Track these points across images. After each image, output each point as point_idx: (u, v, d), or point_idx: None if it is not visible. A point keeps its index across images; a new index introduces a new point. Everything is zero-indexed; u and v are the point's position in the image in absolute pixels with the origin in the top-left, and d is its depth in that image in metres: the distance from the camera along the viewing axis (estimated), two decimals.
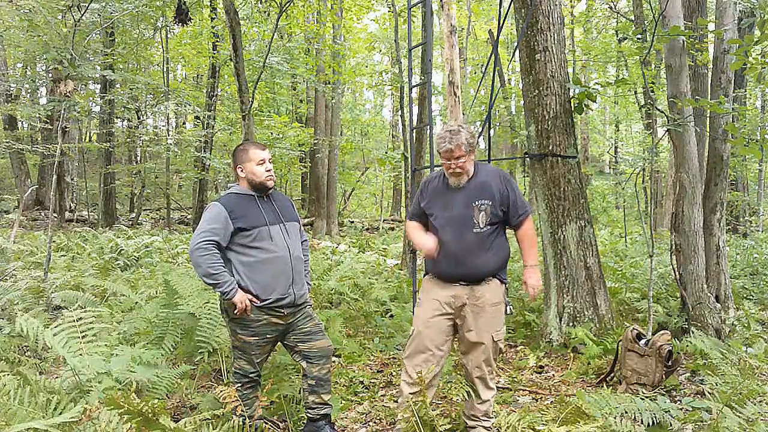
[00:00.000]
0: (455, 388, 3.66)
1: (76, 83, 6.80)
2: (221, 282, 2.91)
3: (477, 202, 3.01)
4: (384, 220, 24.05)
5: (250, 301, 2.99)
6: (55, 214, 14.77)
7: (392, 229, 22.35)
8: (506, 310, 3.03)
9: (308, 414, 3.21)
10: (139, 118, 20.47)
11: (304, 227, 3.54)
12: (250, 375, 3.15)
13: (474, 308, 3.00)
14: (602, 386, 3.92)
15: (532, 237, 3.05)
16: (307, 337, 3.20)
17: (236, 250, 3.02)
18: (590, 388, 4.01)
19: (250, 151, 3.15)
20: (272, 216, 3.12)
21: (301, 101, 22.46)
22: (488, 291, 3.00)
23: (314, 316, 3.30)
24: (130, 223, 18.46)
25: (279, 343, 3.28)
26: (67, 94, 6.38)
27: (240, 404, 3.06)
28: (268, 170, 3.16)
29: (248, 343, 3.07)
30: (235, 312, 2.97)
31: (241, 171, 3.14)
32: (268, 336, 3.10)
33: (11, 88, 18.33)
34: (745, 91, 8.94)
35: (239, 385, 3.14)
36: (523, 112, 5.36)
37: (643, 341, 3.86)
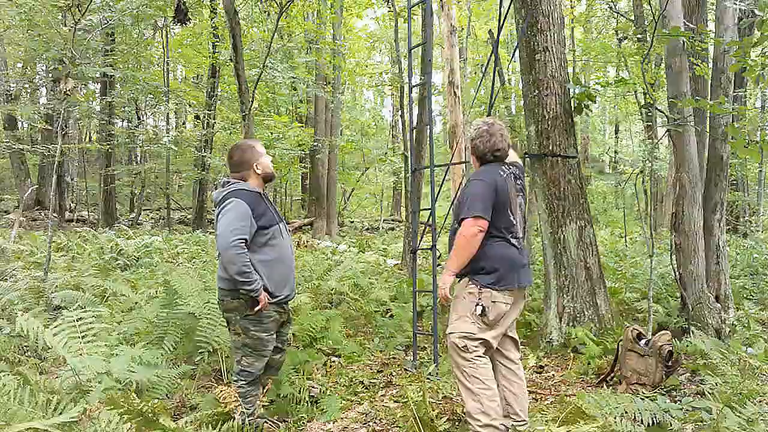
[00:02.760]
0: (454, 386, 3.66)
1: (76, 82, 6.80)
2: (253, 280, 2.94)
3: (456, 202, 3.21)
4: (384, 220, 24.05)
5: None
6: (55, 214, 14.77)
7: (392, 229, 22.35)
8: (475, 309, 2.93)
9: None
10: (139, 118, 20.46)
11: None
12: (259, 372, 3.17)
13: None
14: (602, 386, 3.92)
15: (456, 242, 2.93)
16: (281, 347, 3.38)
17: (255, 249, 3.04)
18: (590, 388, 4.01)
19: (257, 147, 3.24)
20: (277, 214, 3.22)
21: (301, 101, 22.46)
22: (458, 286, 3.06)
23: (291, 319, 3.50)
24: (130, 223, 18.45)
25: None
26: (67, 92, 6.37)
27: (240, 404, 3.06)
28: (271, 161, 3.29)
29: (261, 340, 3.11)
30: (255, 309, 3.01)
31: (257, 167, 3.18)
32: (272, 332, 3.19)
33: (11, 88, 18.31)
34: (745, 91, 8.92)
35: (244, 382, 3.13)
36: (523, 112, 5.36)
37: (643, 341, 3.86)
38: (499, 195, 2.96)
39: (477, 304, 2.92)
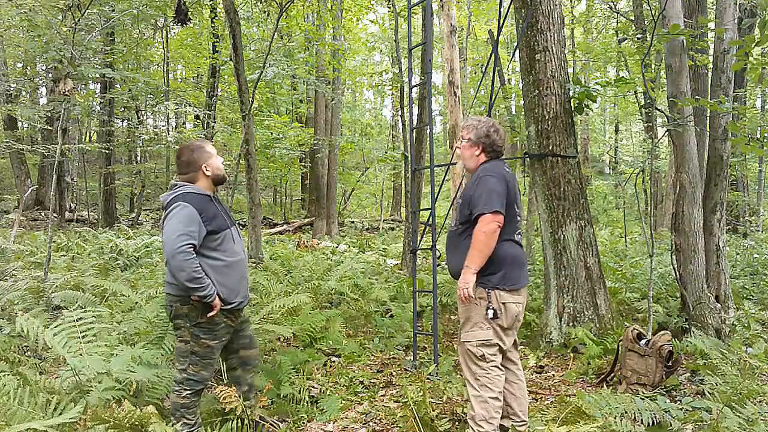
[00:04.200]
0: (455, 387, 3.67)
1: (76, 83, 6.80)
2: (205, 285, 2.82)
3: (456, 201, 3.10)
4: (384, 220, 24.04)
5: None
6: (55, 214, 14.77)
7: (392, 229, 22.35)
8: (487, 313, 2.84)
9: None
10: (138, 117, 20.46)
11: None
12: (206, 382, 3.05)
13: None
14: (602, 386, 3.92)
15: (475, 238, 2.81)
16: (250, 343, 3.28)
17: (206, 254, 2.91)
18: (590, 388, 4.01)
19: (207, 148, 3.09)
20: (228, 218, 3.10)
21: (301, 101, 22.46)
22: None
23: (248, 319, 3.39)
24: (130, 223, 18.45)
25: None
26: (67, 93, 6.37)
27: (183, 415, 2.97)
28: (222, 163, 3.15)
29: (211, 348, 3.01)
30: (208, 316, 2.91)
31: (207, 169, 3.04)
32: (223, 339, 3.08)
33: (11, 88, 18.31)
34: (745, 91, 8.93)
35: (189, 392, 2.98)
36: (523, 112, 5.37)
37: (643, 341, 3.86)
38: (509, 191, 2.92)
39: (488, 308, 2.84)
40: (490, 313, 2.82)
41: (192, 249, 2.80)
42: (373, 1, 14.97)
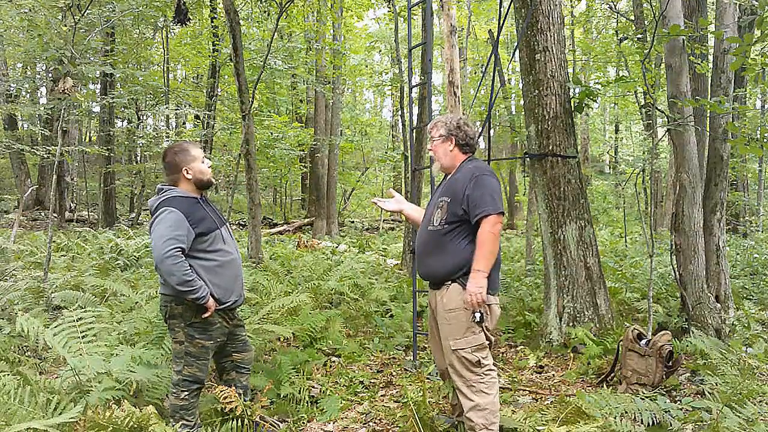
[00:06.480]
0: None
1: (76, 82, 6.80)
2: (197, 287, 2.82)
3: (440, 199, 2.99)
4: (384, 220, 24.03)
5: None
6: (55, 214, 14.76)
7: (392, 229, 22.35)
8: (473, 317, 2.80)
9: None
10: (138, 118, 20.47)
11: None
12: (202, 381, 3.04)
13: (438, 313, 2.97)
14: (602, 386, 3.92)
15: (485, 240, 2.76)
16: (244, 347, 3.26)
17: (197, 255, 2.91)
18: (590, 388, 4.01)
19: (192, 151, 3.05)
20: (217, 219, 3.08)
21: (301, 101, 22.46)
22: (446, 296, 2.90)
23: (243, 324, 3.35)
24: (130, 223, 18.44)
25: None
26: (66, 91, 6.36)
27: (182, 417, 2.96)
28: (210, 167, 3.12)
29: (205, 348, 3.00)
30: (203, 316, 2.91)
31: (188, 173, 3.00)
32: (219, 340, 3.07)
33: (11, 88, 18.30)
34: (745, 90, 8.92)
35: (187, 393, 2.98)
36: (523, 112, 5.36)
37: (643, 341, 3.86)
38: None
39: (474, 311, 2.80)
40: (477, 316, 2.80)
41: (180, 252, 2.79)
42: (373, 0, 14.98)
